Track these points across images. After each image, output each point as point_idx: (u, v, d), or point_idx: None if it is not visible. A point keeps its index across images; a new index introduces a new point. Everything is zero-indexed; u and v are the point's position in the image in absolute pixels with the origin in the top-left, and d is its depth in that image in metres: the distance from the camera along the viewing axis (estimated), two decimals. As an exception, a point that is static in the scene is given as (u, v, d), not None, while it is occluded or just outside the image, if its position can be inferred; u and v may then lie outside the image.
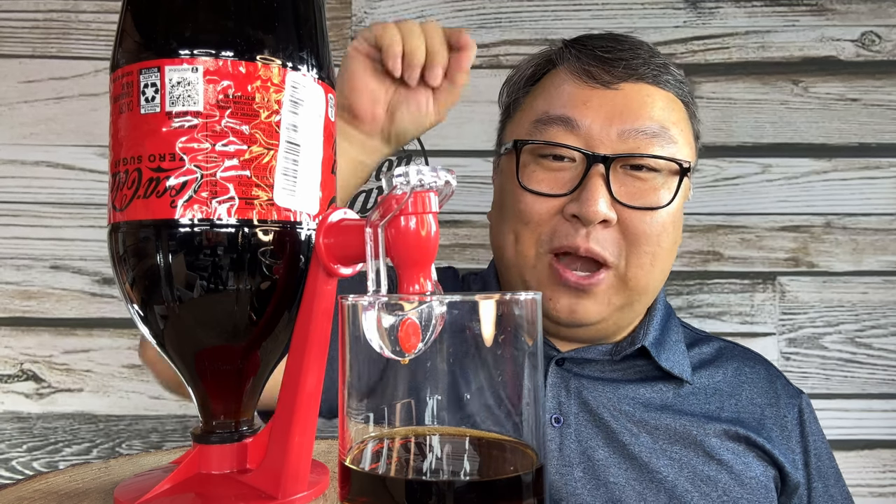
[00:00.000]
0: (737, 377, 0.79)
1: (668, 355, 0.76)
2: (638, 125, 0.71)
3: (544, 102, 0.75)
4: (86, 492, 0.43)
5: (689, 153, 0.76)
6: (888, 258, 1.12)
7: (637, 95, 0.72)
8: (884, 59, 1.13)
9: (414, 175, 0.34)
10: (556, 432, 0.73)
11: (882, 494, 1.10)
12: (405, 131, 0.68)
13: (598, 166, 0.70)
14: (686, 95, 0.77)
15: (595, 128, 0.71)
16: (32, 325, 1.11)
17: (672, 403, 0.75)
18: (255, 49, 0.37)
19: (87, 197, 1.12)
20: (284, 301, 0.40)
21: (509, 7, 1.15)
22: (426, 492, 0.30)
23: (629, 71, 0.73)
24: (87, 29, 1.14)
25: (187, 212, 0.36)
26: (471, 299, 0.30)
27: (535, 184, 0.73)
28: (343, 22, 1.14)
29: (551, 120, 0.73)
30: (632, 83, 0.73)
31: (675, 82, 0.75)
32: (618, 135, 0.71)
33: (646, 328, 0.77)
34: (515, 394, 0.31)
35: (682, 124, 0.75)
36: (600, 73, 0.73)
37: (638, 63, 0.73)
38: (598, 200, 0.69)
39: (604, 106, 0.72)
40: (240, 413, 0.41)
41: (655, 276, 0.74)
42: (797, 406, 0.79)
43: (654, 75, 0.73)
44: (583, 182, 0.70)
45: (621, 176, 0.71)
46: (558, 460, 0.72)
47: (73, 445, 1.11)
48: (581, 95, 0.73)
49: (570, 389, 0.74)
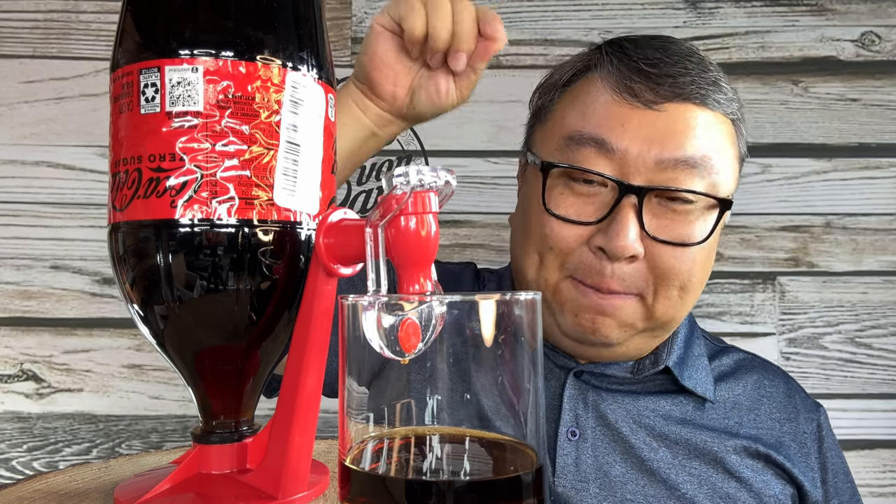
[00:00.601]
0: (756, 391, 0.76)
1: (690, 373, 0.73)
2: (678, 154, 0.65)
3: (578, 117, 0.68)
4: (86, 492, 0.43)
5: (732, 179, 0.70)
6: (888, 258, 1.12)
7: (681, 118, 0.66)
8: (884, 59, 1.13)
9: (414, 175, 0.34)
10: (572, 446, 0.70)
11: (882, 494, 1.10)
12: (422, 113, 0.66)
13: (630, 197, 0.64)
14: (735, 112, 0.71)
15: (632, 153, 0.65)
16: (32, 325, 1.11)
17: (692, 418, 0.72)
18: (255, 49, 0.37)
19: (87, 197, 1.12)
20: (284, 301, 0.40)
21: (509, 7, 1.15)
22: (426, 492, 0.30)
23: (676, 90, 0.66)
24: (88, 29, 1.14)
25: (187, 212, 0.36)
26: (471, 299, 0.30)
27: (563, 209, 0.67)
28: (343, 22, 1.14)
29: (585, 140, 0.67)
30: (677, 104, 0.66)
31: (725, 101, 0.69)
32: (655, 163, 0.65)
33: (669, 346, 0.74)
34: (515, 394, 0.31)
35: (727, 149, 0.69)
36: (643, 90, 0.66)
37: (686, 81, 0.66)
38: (628, 236, 0.64)
39: (643, 128, 0.65)
40: (240, 413, 0.41)
41: (684, 309, 0.70)
42: (816, 421, 0.77)
43: (702, 95, 0.66)
44: (612, 212, 0.65)
45: (655, 207, 0.66)
46: (574, 475, 0.69)
47: (73, 445, 1.11)
48: (619, 115, 0.66)
49: (588, 402, 0.72)
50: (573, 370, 0.73)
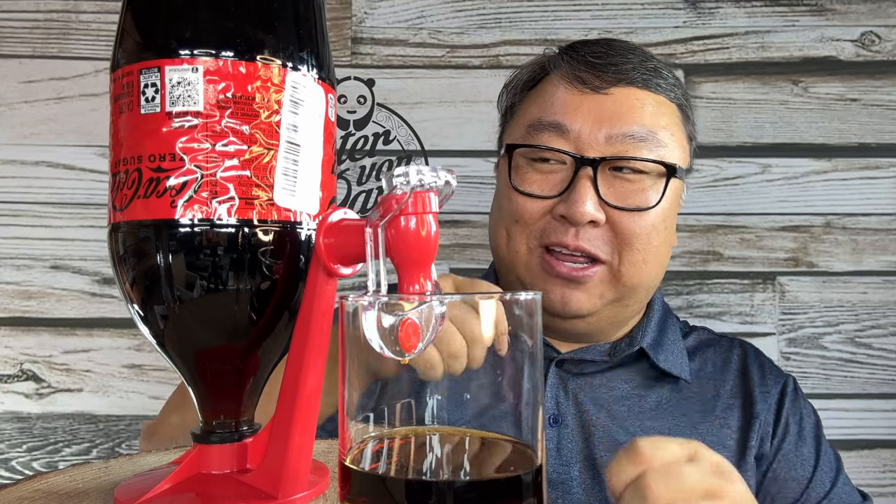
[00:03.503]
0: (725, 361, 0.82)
1: (665, 355, 0.78)
2: (625, 129, 0.73)
3: (538, 108, 0.77)
4: (86, 492, 0.43)
5: (681, 155, 0.77)
6: (888, 258, 1.12)
7: (626, 100, 0.74)
8: (884, 59, 1.13)
9: (414, 175, 0.34)
10: (553, 432, 0.74)
11: (882, 494, 1.10)
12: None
13: (586, 169, 0.72)
14: (679, 98, 0.78)
15: (584, 132, 0.73)
16: (32, 325, 1.11)
17: (668, 402, 0.77)
18: (255, 49, 0.37)
19: (87, 197, 1.12)
20: (284, 301, 0.40)
21: (509, 7, 1.15)
22: (426, 492, 0.30)
23: (619, 76, 0.74)
24: (88, 29, 1.14)
25: (187, 212, 0.36)
26: (471, 299, 0.30)
27: (527, 185, 0.75)
28: (343, 22, 1.14)
29: (543, 126, 0.75)
30: (622, 87, 0.74)
31: (666, 85, 0.76)
32: (605, 139, 0.73)
33: (644, 329, 0.78)
34: (515, 394, 0.31)
35: (673, 127, 0.76)
36: (591, 78, 0.75)
37: (628, 68, 0.75)
38: (586, 202, 0.70)
39: (593, 111, 0.74)
40: (240, 413, 0.41)
41: (648, 273, 0.75)
42: (781, 383, 0.81)
43: (644, 79, 0.75)
44: (571, 184, 0.72)
45: (609, 178, 0.73)
46: (556, 460, 0.73)
47: (73, 445, 1.11)
48: (572, 101, 0.75)
49: (569, 390, 0.76)
50: (554, 360, 0.77)
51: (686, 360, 0.79)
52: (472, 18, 1.15)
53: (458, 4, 1.15)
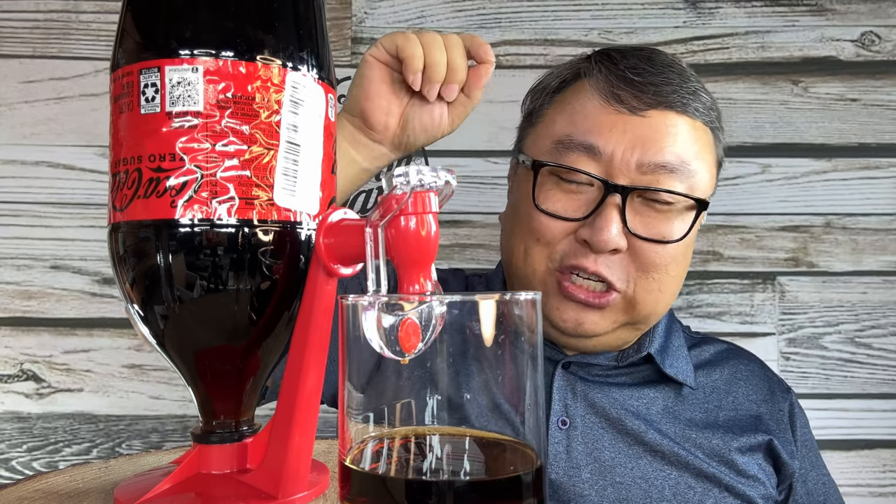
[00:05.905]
0: (733, 375, 0.81)
1: (671, 361, 0.78)
2: (658, 159, 0.70)
3: (568, 123, 0.73)
4: (86, 492, 0.43)
5: (709, 183, 0.75)
6: (888, 258, 1.12)
7: (662, 125, 0.71)
8: (884, 59, 1.13)
9: (414, 175, 0.34)
10: (563, 435, 0.73)
11: (882, 494, 1.10)
12: (415, 141, 0.69)
13: (614, 196, 0.69)
14: (714, 121, 0.75)
15: (617, 155, 0.70)
16: (32, 325, 1.11)
17: (674, 406, 0.77)
18: (255, 49, 0.37)
19: (87, 197, 1.12)
20: (284, 301, 0.40)
21: (509, 7, 1.15)
22: (426, 492, 0.30)
23: (658, 98, 0.71)
24: (88, 29, 1.14)
25: (187, 212, 0.36)
26: (471, 299, 0.30)
27: (550, 204, 0.72)
28: (343, 22, 1.14)
29: (574, 145, 0.71)
30: (659, 111, 0.71)
31: (703, 109, 0.73)
32: (637, 165, 0.70)
33: (651, 335, 0.78)
34: (515, 394, 0.31)
35: (705, 154, 0.74)
36: (628, 97, 0.71)
37: (668, 90, 0.71)
38: (611, 230, 0.68)
39: (627, 133, 0.70)
40: (240, 413, 0.41)
41: (664, 302, 0.74)
42: (788, 400, 0.81)
43: (683, 103, 0.72)
44: (598, 209, 0.70)
45: (637, 206, 0.71)
46: (566, 462, 0.72)
47: (73, 445, 1.11)
48: (606, 121, 0.71)
49: (577, 392, 0.76)
50: (561, 362, 0.76)
51: (690, 366, 0.79)
52: (472, 18, 1.15)
53: (458, 4, 1.15)
